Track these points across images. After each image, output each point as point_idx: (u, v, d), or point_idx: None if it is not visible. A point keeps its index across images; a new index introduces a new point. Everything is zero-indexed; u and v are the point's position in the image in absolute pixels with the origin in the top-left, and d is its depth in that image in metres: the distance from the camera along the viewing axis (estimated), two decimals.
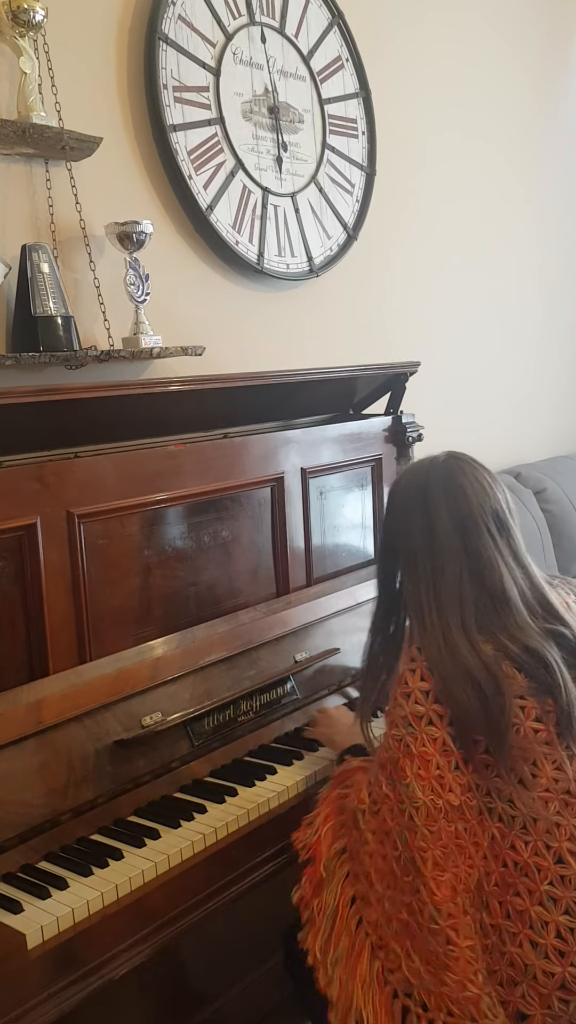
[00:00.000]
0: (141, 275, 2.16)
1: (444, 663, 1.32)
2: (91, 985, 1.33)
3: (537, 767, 1.29)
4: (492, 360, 3.74)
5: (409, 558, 1.43)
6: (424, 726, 1.31)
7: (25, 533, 1.65)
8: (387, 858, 1.34)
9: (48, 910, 1.35)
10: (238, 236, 2.53)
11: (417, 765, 1.30)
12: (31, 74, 1.97)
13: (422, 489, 1.44)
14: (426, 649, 1.35)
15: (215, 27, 2.46)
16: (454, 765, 1.29)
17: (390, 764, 1.34)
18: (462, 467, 1.45)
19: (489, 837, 1.29)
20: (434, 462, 1.47)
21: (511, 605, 1.37)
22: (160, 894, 1.44)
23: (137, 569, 1.86)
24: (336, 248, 2.87)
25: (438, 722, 1.30)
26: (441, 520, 1.40)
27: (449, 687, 1.31)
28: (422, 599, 1.39)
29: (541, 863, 1.27)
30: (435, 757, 1.29)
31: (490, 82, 3.65)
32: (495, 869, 1.28)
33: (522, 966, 1.27)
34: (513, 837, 1.28)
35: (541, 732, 1.30)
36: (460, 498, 1.41)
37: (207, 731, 1.80)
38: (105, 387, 1.79)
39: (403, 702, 1.33)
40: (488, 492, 1.43)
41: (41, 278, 1.98)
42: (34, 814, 1.50)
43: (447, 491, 1.42)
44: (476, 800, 1.29)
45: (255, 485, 2.11)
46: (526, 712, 1.30)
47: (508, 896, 1.28)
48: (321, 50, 2.79)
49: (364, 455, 2.41)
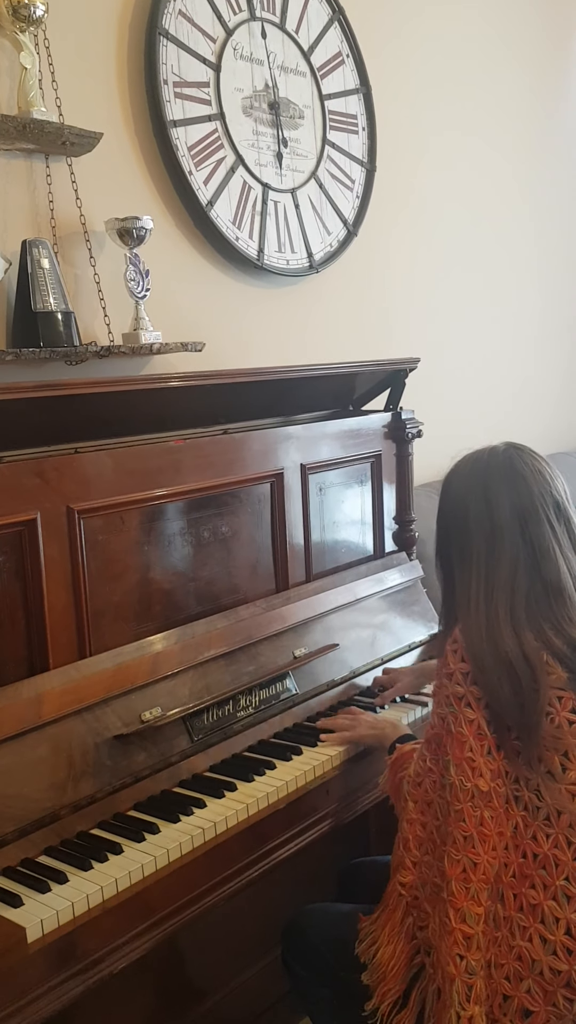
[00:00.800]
0: (141, 271, 2.16)
1: (482, 648, 1.34)
2: (90, 979, 1.34)
3: (568, 759, 1.30)
4: (491, 356, 3.74)
5: (464, 545, 1.44)
6: (463, 707, 1.33)
7: (25, 528, 1.65)
8: (427, 827, 1.39)
9: (48, 904, 1.35)
10: (238, 232, 2.53)
11: (454, 744, 1.33)
12: (31, 69, 1.97)
13: (483, 477, 1.45)
14: (466, 631, 1.37)
15: (215, 22, 2.46)
16: (487, 750, 1.31)
17: (435, 741, 1.39)
18: (522, 456, 1.47)
19: (513, 826, 1.30)
20: (494, 452, 1.48)
21: (565, 595, 1.38)
22: (159, 888, 1.45)
23: (137, 564, 1.86)
24: (336, 244, 2.87)
25: (475, 704, 1.33)
26: (502, 508, 1.41)
27: (484, 671, 1.33)
28: (471, 585, 1.40)
29: (560, 857, 1.28)
30: (469, 739, 1.32)
31: (490, 78, 3.64)
32: (515, 860, 1.30)
33: (529, 961, 1.28)
34: (536, 828, 1.29)
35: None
36: (521, 487, 1.42)
37: (206, 726, 1.80)
38: (105, 383, 1.79)
39: (446, 682, 1.37)
40: (548, 481, 1.45)
41: (41, 274, 1.98)
42: (34, 808, 1.51)
43: (508, 480, 1.43)
44: (504, 787, 1.31)
45: (255, 481, 2.11)
46: (563, 703, 1.31)
47: (524, 888, 1.29)
48: (322, 46, 2.79)
49: (364, 451, 2.42)
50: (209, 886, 1.51)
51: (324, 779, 1.76)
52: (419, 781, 1.42)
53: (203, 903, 1.50)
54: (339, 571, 2.33)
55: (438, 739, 1.38)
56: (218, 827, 1.56)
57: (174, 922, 1.46)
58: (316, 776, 1.75)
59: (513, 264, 3.86)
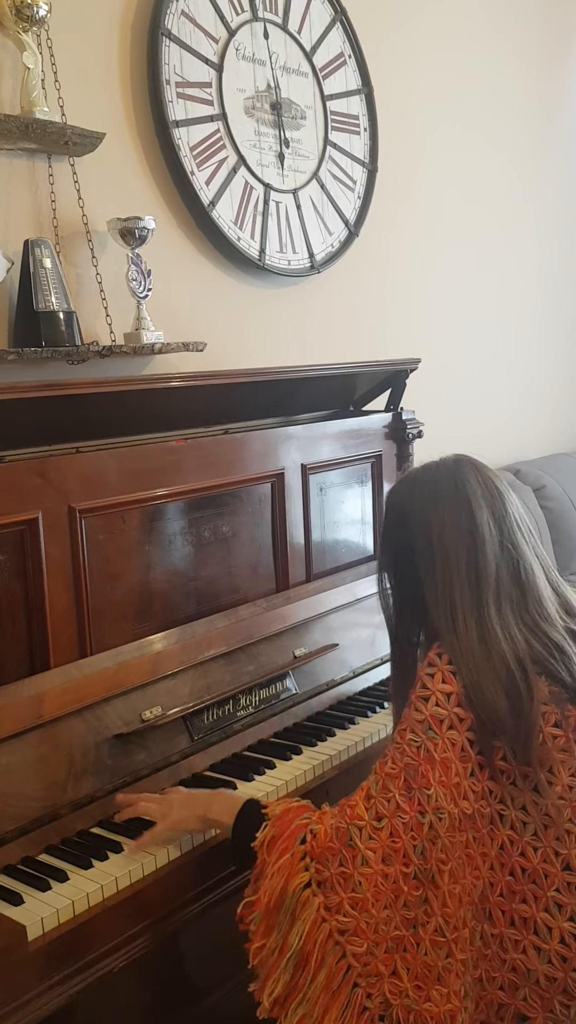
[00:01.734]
0: (143, 271, 2.17)
1: (477, 661, 1.29)
2: (90, 977, 1.34)
3: (553, 774, 1.28)
4: (492, 357, 3.75)
5: (441, 550, 1.37)
6: (445, 730, 1.27)
7: (26, 528, 1.66)
8: (391, 876, 1.25)
9: (48, 902, 1.35)
10: (240, 232, 2.54)
11: (439, 772, 1.26)
12: (34, 69, 1.98)
13: (459, 479, 1.40)
14: (455, 651, 1.31)
15: (218, 23, 2.46)
16: (470, 771, 1.27)
17: (407, 773, 1.27)
18: (483, 464, 1.45)
19: (498, 846, 1.27)
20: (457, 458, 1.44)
21: (542, 599, 1.36)
22: (159, 887, 1.45)
23: (138, 564, 1.87)
24: (337, 244, 2.87)
25: (459, 726, 1.27)
26: (482, 509, 1.38)
27: (481, 685, 1.27)
28: (455, 593, 1.35)
29: (549, 869, 1.26)
30: (455, 763, 1.26)
31: (492, 78, 3.65)
32: (501, 879, 1.27)
33: (524, 971, 1.26)
34: (523, 844, 1.27)
35: (559, 738, 1.29)
36: (494, 491, 1.40)
37: (206, 725, 1.81)
38: (107, 382, 1.79)
39: (422, 706, 1.29)
40: (511, 493, 1.44)
41: (43, 273, 1.98)
42: (34, 807, 1.51)
43: (482, 484, 1.41)
44: (488, 808, 1.27)
45: (255, 481, 2.12)
46: (546, 718, 1.29)
47: (514, 904, 1.26)
48: (323, 46, 2.79)
49: (364, 451, 2.42)
50: (210, 885, 1.51)
51: (323, 779, 1.76)
52: (380, 827, 1.26)
53: (203, 902, 1.50)
54: (339, 571, 2.34)
55: (413, 770, 1.27)
56: None
57: (174, 921, 1.46)
58: (316, 776, 1.75)
59: (515, 264, 3.86)
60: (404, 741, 1.29)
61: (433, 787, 1.25)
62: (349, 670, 2.12)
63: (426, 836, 1.24)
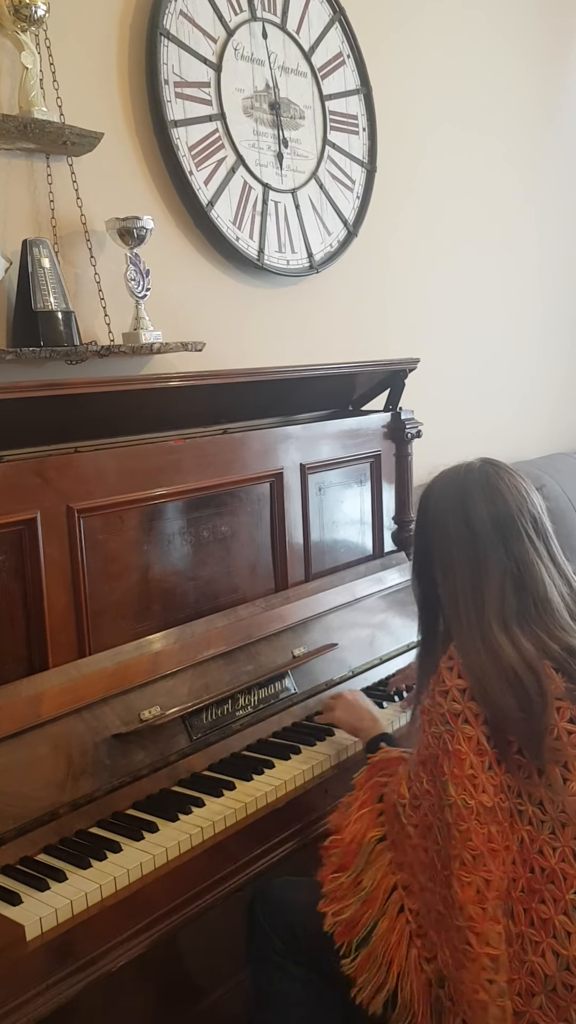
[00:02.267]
0: (141, 270, 2.17)
1: (482, 661, 1.32)
2: (89, 976, 1.34)
3: (568, 770, 1.28)
4: (491, 356, 3.75)
5: (447, 562, 1.43)
6: (460, 724, 1.31)
7: (25, 527, 1.66)
8: (428, 851, 1.35)
9: (47, 902, 1.35)
10: (238, 232, 2.54)
11: (452, 763, 1.30)
12: (32, 69, 1.98)
13: (461, 493, 1.44)
14: (462, 647, 1.35)
15: (216, 22, 2.46)
16: (487, 765, 1.29)
17: (431, 761, 1.34)
18: (499, 472, 1.46)
19: (519, 841, 1.28)
20: (470, 468, 1.47)
21: (553, 607, 1.37)
22: (158, 887, 1.45)
23: (136, 564, 1.87)
24: (336, 244, 2.87)
25: (473, 720, 1.30)
26: (483, 523, 1.40)
27: (485, 686, 1.31)
28: (459, 601, 1.39)
29: (568, 870, 1.26)
30: (469, 756, 1.29)
31: (492, 77, 3.65)
32: (523, 874, 1.28)
33: (542, 976, 1.26)
34: (542, 842, 1.27)
35: (575, 735, 1.29)
36: (500, 502, 1.41)
37: (205, 725, 1.81)
38: (105, 382, 1.79)
39: (441, 700, 1.34)
40: (525, 496, 1.44)
41: (42, 273, 1.98)
42: (33, 807, 1.51)
43: (487, 495, 1.42)
44: (508, 802, 1.29)
45: (254, 481, 2.12)
46: (561, 713, 1.29)
47: (534, 903, 1.27)
48: (322, 46, 2.79)
49: (363, 451, 2.42)
50: (208, 885, 1.51)
51: (323, 778, 1.76)
52: (417, 804, 1.37)
53: (202, 902, 1.50)
54: (338, 571, 2.34)
55: (434, 759, 1.34)
56: (217, 826, 1.57)
57: (173, 920, 1.46)
58: (315, 775, 1.76)
59: (515, 263, 3.86)
60: (429, 732, 1.36)
61: (446, 776, 1.30)
62: (348, 670, 2.12)
63: (444, 821, 1.31)
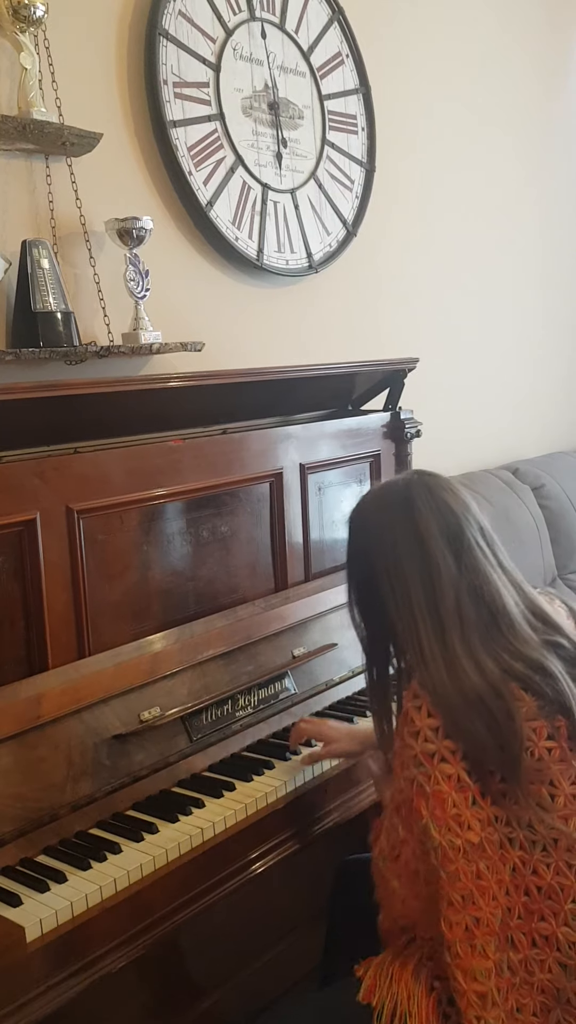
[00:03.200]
0: (141, 271, 2.17)
1: (449, 696, 1.26)
2: (89, 978, 1.34)
3: (555, 786, 1.25)
4: (491, 356, 3.74)
5: (399, 584, 1.34)
6: (437, 763, 1.25)
7: (25, 528, 1.66)
8: (419, 896, 1.31)
9: (47, 903, 1.35)
10: (238, 232, 2.53)
11: (432, 804, 1.24)
12: (31, 70, 1.98)
13: (406, 506, 1.35)
14: (428, 683, 1.28)
15: (215, 23, 2.46)
16: (471, 800, 1.24)
17: (404, 806, 1.29)
18: (439, 482, 1.39)
19: (511, 868, 1.25)
20: (408, 480, 1.40)
21: (512, 618, 1.32)
22: (158, 888, 1.45)
23: (136, 564, 1.87)
24: (335, 244, 2.87)
25: (451, 758, 1.25)
26: (433, 537, 1.33)
27: (457, 721, 1.25)
28: (419, 626, 1.31)
29: (564, 882, 1.24)
30: (450, 794, 1.24)
31: (492, 76, 3.64)
32: (518, 901, 1.25)
33: (554, 992, 1.25)
34: (535, 862, 1.25)
35: (555, 750, 1.26)
36: (447, 512, 1.35)
37: (205, 726, 1.81)
38: (105, 383, 1.79)
39: (412, 741, 1.27)
40: (469, 505, 1.38)
41: (41, 274, 1.98)
42: (33, 808, 1.51)
43: (433, 506, 1.35)
44: (496, 833, 1.25)
45: (254, 481, 2.12)
46: (538, 733, 1.26)
47: (533, 923, 1.25)
48: (321, 46, 2.79)
49: (362, 451, 2.42)
50: (208, 886, 1.51)
51: (323, 779, 1.76)
52: (396, 855, 1.32)
53: (202, 903, 1.50)
54: (338, 570, 2.31)
55: (408, 803, 1.27)
56: (217, 827, 1.57)
57: (173, 921, 1.46)
58: (315, 775, 1.75)
59: (515, 263, 3.86)
60: (402, 776, 1.29)
61: (425, 819, 1.24)
62: (348, 670, 2.11)
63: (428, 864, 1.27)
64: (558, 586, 3.49)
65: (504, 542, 3.53)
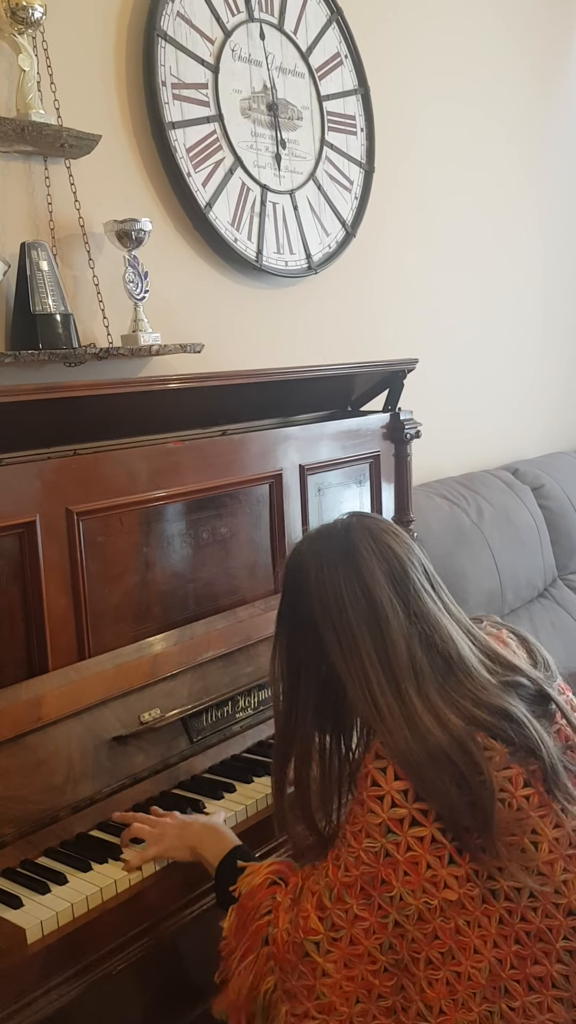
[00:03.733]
0: (140, 272, 2.17)
1: (415, 755, 1.17)
2: (89, 980, 1.35)
3: (537, 834, 1.20)
4: (491, 356, 3.75)
5: (348, 639, 1.24)
6: (407, 828, 1.16)
7: (24, 531, 1.66)
8: (357, 978, 1.20)
9: (47, 905, 1.36)
10: (237, 233, 2.54)
11: (403, 871, 1.16)
12: (30, 71, 1.98)
13: (349, 553, 1.26)
14: (391, 743, 1.19)
15: (214, 24, 2.46)
16: (448, 859, 1.16)
17: (363, 881, 1.18)
18: (380, 525, 1.31)
19: (497, 921, 1.19)
20: (347, 524, 1.31)
21: (467, 664, 1.24)
22: (158, 889, 1.45)
23: (136, 566, 1.87)
24: (335, 245, 2.87)
25: (423, 819, 1.16)
26: (380, 585, 1.24)
27: (426, 781, 1.17)
28: (372, 683, 1.21)
29: (552, 923, 1.20)
30: (424, 857, 1.16)
31: (491, 76, 3.65)
32: (508, 951, 1.19)
33: None
34: (522, 909, 1.19)
35: (533, 796, 1.21)
36: (392, 558, 1.26)
37: (205, 727, 1.81)
38: (104, 384, 1.79)
39: (376, 808, 1.17)
40: (413, 547, 1.31)
41: (40, 276, 1.98)
42: (33, 810, 1.51)
43: (377, 551, 1.26)
44: (478, 888, 1.17)
45: (253, 482, 2.12)
46: (513, 782, 1.19)
47: (527, 969, 1.20)
48: (320, 46, 2.79)
49: (362, 452, 2.42)
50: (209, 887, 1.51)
51: None
52: (338, 937, 1.20)
53: (203, 904, 1.50)
54: None
55: (370, 877, 1.17)
56: None
57: (173, 923, 1.47)
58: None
59: (515, 263, 3.86)
60: (360, 847, 1.18)
61: (396, 889, 1.17)
62: None
63: (392, 933, 1.18)
64: (558, 586, 3.49)
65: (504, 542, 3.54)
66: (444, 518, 3.03)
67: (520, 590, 3.25)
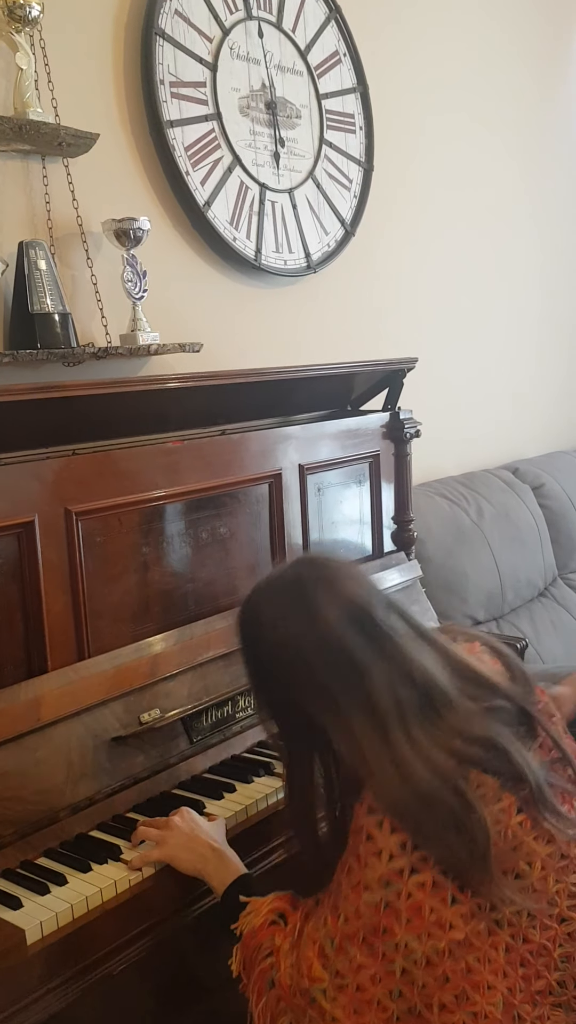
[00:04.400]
0: (138, 272, 2.16)
1: (408, 804, 1.15)
2: (89, 980, 1.34)
3: (531, 854, 1.20)
4: (490, 355, 3.74)
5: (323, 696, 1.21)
6: (408, 878, 1.14)
7: (23, 531, 1.65)
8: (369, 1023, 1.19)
9: (47, 906, 1.35)
10: (235, 232, 2.53)
11: (406, 918, 1.14)
12: (27, 70, 1.97)
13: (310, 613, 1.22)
14: (383, 795, 1.16)
15: (212, 22, 2.46)
16: (450, 899, 1.15)
17: (366, 932, 1.16)
18: (327, 564, 1.28)
19: (503, 950, 1.18)
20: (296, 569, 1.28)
21: (447, 696, 1.21)
22: (158, 890, 1.45)
23: (135, 566, 1.86)
24: (334, 244, 2.86)
25: (423, 866, 1.14)
26: (348, 637, 1.20)
27: (423, 830, 1.15)
28: (357, 735, 1.19)
29: (549, 934, 1.21)
30: (426, 902, 1.14)
31: (490, 75, 3.64)
32: (516, 978, 1.19)
33: None
34: (524, 930, 1.19)
35: (525, 822, 1.19)
36: (355, 607, 1.22)
37: (205, 728, 1.80)
38: (103, 384, 1.79)
39: (375, 862, 1.15)
40: (366, 579, 1.28)
41: (38, 275, 1.98)
42: (33, 811, 1.51)
43: (339, 603, 1.22)
44: (483, 922, 1.16)
45: (253, 481, 2.11)
46: (507, 812, 1.18)
47: (532, 986, 1.20)
48: (318, 45, 2.78)
49: (362, 451, 2.41)
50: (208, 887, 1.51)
51: None
52: (343, 984, 1.18)
53: (203, 904, 1.50)
54: None
55: (372, 929, 1.15)
56: None
57: (173, 923, 1.46)
58: None
59: (514, 263, 3.85)
60: (360, 900, 1.16)
61: (399, 936, 1.15)
62: None
63: (400, 981, 1.16)
64: (558, 585, 3.48)
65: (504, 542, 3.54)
66: (444, 518, 3.03)
67: (520, 589, 3.25)
